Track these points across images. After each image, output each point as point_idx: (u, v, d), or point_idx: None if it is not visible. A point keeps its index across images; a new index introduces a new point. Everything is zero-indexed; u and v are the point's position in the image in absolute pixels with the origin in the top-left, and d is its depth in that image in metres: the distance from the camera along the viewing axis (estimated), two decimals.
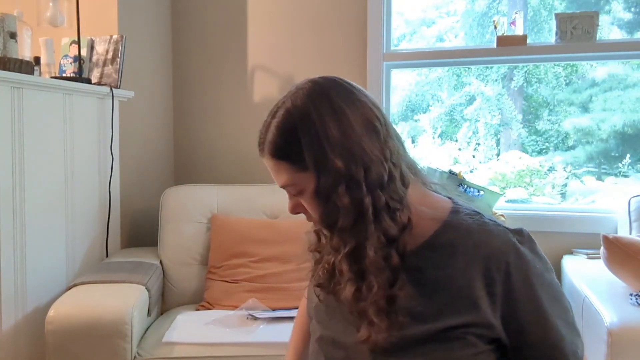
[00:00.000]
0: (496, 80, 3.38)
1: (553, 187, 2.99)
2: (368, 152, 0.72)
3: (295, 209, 0.81)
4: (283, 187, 0.79)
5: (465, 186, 2.05)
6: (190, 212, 2.12)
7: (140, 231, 2.32)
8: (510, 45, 2.25)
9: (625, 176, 2.91)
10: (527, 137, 3.28)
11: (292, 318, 1.70)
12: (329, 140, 0.72)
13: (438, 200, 0.82)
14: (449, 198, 0.83)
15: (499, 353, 0.75)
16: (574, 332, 0.75)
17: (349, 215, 0.72)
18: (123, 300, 1.58)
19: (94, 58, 2.02)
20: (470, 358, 0.72)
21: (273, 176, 0.80)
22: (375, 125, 0.75)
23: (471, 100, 3.41)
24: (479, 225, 0.76)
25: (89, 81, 1.93)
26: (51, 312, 1.51)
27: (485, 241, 0.75)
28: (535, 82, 3.32)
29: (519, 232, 0.77)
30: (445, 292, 0.74)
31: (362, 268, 0.74)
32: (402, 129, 3.08)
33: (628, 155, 2.94)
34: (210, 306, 1.90)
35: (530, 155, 3.05)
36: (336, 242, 0.76)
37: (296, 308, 1.13)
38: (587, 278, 1.79)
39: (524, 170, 2.95)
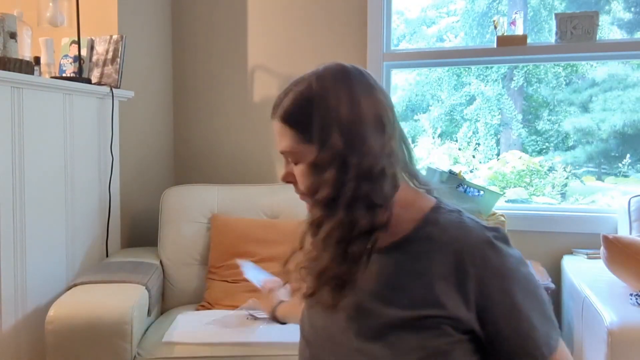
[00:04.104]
0: (496, 80, 3.38)
1: (553, 187, 2.99)
2: (368, 143, 0.76)
3: (287, 178, 0.85)
4: (283, 152, 0.83)
5: (465, 186, 2.05)
6: (190, 212, 2.12)
7: (140, 231, 2.31)
8: (510, 45, 2.25)
9: (625, 176, 2.91)
10: (527, 137, 3.28)
11: None
12: (338, 121, 0.76)
13: (425, 200, 0.85)
14: (435, 198, 0.86)
15: (475, 344, 0.76)
16: (549, 323, 0.76)
17: (329, 191, 0.76)
18: (123, 300, 1.57)
19: (94, 58, 2.02)
20: (445, 347, 0.74)
21: (277, 140, 0.83)
22: (383, 123, 0.78)
23: (471, 100, 3.41)
24: (456, 222, 0.79)
25: (89, 81, 1.93)
26: (51, 312, 1.50)
27: (458, 236, 0.77)
28: (535, 82, 3.32)
29: (495, 229, 0.79)
30: (418, 284, 0.76)
31: (318, 239, 0.78)
32: None
33: (628, 155, 2.94)
34: (210, 306, 1.90)
35: (530, 155, 3.05)
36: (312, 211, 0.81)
37: None
38: (587, 278, 1.79)
39: (524, 170, 2.95)
